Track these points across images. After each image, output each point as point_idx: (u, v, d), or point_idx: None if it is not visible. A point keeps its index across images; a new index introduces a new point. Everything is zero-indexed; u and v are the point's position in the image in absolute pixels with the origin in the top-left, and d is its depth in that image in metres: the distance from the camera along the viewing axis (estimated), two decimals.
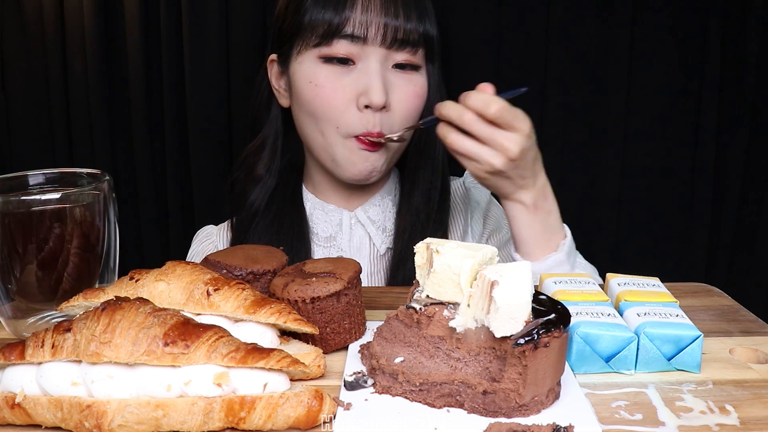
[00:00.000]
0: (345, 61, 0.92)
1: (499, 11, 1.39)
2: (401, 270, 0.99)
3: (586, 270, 0.92)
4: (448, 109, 0.81)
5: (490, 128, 0.79)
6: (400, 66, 0.94)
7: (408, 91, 0.95)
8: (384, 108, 0.92)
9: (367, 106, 0.91)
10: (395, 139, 0.92)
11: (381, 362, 0.57)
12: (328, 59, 0.92)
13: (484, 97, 0.79)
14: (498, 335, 0.52)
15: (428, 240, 0.57)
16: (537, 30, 1.40)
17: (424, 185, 1.01)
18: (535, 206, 0.85)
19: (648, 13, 1.40)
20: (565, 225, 0.90)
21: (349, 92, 0.92)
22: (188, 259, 1.10)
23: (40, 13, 1.45)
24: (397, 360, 0.57)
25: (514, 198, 0.85)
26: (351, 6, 0.90)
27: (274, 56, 1.01)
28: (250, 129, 1.09)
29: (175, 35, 1.43)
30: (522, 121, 0.80)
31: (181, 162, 1.50)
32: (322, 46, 0.92)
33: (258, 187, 1.03)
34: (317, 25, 0.91)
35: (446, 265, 0.54)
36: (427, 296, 0.56)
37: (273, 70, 1.02)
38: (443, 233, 1.03)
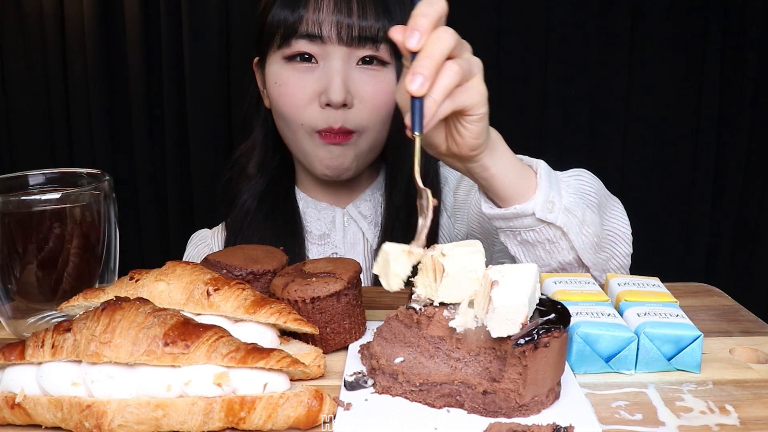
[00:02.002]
0: (308, 59, 0.94)
1: (499, 11, 1.40)
2: None
3: (569, 172, 0.83)
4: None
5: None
6: (367, 62, 0.95)
7: (373, 88, 0.95)
8: (345, 105, 0.93)
9: (328, 104, 0.93)
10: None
11: (381, 362, 0.57)
12: (291, 58, 0.94)
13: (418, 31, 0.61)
14: (494, 335, 0.52)
15: (405, 247, 0.56)
16: (537, 30, 1.40)
17: (403, 184, 1.01)
18: (500, 135, 0.75)
19: (648, 13, 1.40)
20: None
21: (311, 91, 0.94)
22: None
23: (40, 13, 1.46)
24: (397, 360, 0.57)
25: (491, 139, 0.73)
26: (304, 5, 0.92)
27: (257, 59, 1.04)
28: (242, 130, 1.10)
29: (175, 35, 1.44)
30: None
31: (181, 162, 1.50)
32: (284, 48, 0.94)
33: (250, 186, 1.05)
34: (278, 26, 0.93)
35: (460, 266, 0.54)
36: (441, 303, 0.56)
37: (257, 73, 1.05)
38: (433, 230, 1.02)
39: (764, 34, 1.38)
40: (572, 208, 0.78)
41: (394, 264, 0.56)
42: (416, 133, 0.61)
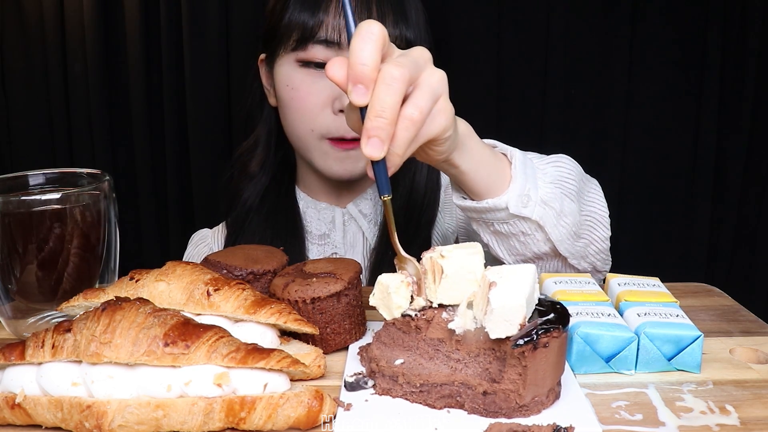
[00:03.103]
0: (322, 65, 0.93)
1: (499, 12, 1.39)
2: (380, 269, 1.00)
3: (543, 158, 0.79)
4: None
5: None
6: None
7: None
8: None
9: (342, 111, 0.92)
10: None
11: (381, 365, 0.57)
12: (306, 63, 0.94)
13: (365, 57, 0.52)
14: (492, 336, 0.52)
15: (402, 277, 0.56)
16: (537, 30, 1.40)
17: (404, 188, 1.01)
18: (469, 127, 0.70)
19: (648, 13, 1.40)
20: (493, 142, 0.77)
21: (325, 96, 0.93)
22: None
23: (40, 13, 1.45)
24: (397, 362, 0.57)
25: (459, 136, 0.67)
26: (325, 9, 0.90)
27: (263, 56, 1.03)
28: (244, 127, 1.10)
29: (175, 35, 1.43)
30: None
31: (181, 162, 1.50)
32: (299, 51, 0.93)
33: (252, 183, 1.05)
34: (295, 27, 0.92)
35: (459, 267, 0.54)
36: (440, 305, 0.56)
37: (263, 70, 1.04)
38: (426, 235, 1.03)
39: (764, 34, 1.38)
40: (549, 200, 0.74)
41: (395, 296, 0.56)
42: (385, 196, 0.54)
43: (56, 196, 0.65)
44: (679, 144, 1.45)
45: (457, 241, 1.07)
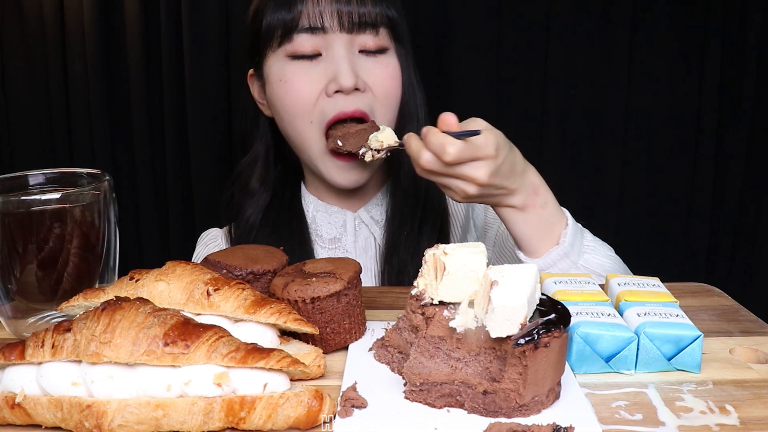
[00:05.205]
0: (311, 56, 0.93)
1: (499, 12, 1.40)
2: (394, 258, 0.99)
3: (597, 248, 0.88)
4: (409, 144, 0.78)
5: (451, 167, 0.76)
6: (368, 51, 0.94)
7: (382, 74, 0.95)
8: (357, 89, 0.92)
9: (337, 91, 0.92)
10: (369, 158, 0.88)
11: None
12: (296, 57, 0.93)
13: (440, 140, 0.74)
14: (493, 335, 0.52)
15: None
16: (537, 30, 1.40)
17: (409, 165, 1.00)
18: (525, 205, 0.82)
19: (648, 13, 1.40)
20: (564, 210, 0.86)
21: (318, 83, 0.93)
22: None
23: (40, 13, 1.45)
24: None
25: (503, 204, 0.82)
26: (302, 0, 0.91)
27: (251, 71, 1.03)
28: (241, 145, 1.09)
29: (175, 36, 1.43)
30: (484, 148, 0.75)
31: (181, 162, 1.50)
32: (286, 44, 0.93)
33: (253, 201, 1.03)
34: (276, 26, 0.93)
35: (461, 265, 0.54)
36: (440, 302, 0.56)
37: (253, 85, 1.03)
38: (443, 217, 1.03)
39: (764, 36, 1.38)
40: (559, 270, 0.84)
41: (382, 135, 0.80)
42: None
43: (56, 196, 0.65)
44: (679, 144, 1.45)
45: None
